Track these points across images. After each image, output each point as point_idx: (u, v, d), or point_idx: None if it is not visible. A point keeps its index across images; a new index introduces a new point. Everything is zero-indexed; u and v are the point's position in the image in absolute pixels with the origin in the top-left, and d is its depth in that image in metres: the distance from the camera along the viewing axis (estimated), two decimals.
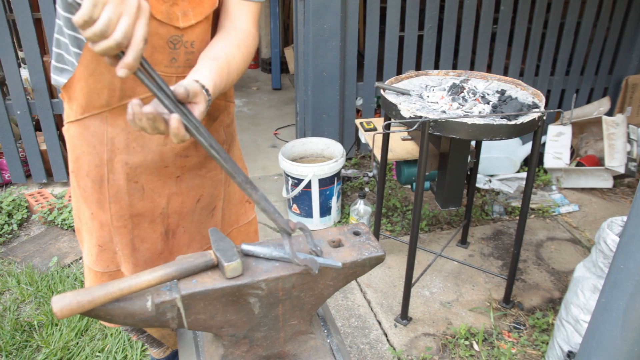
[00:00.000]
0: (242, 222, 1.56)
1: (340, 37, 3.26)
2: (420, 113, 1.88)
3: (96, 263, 1.39)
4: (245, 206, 1.57)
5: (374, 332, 2.27)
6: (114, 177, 1.27)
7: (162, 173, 1.30)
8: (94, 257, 1.38)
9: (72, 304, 0.88)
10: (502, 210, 3.14)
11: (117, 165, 1.25)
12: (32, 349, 2.14)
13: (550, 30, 3.68)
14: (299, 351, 1.16)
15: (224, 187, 1.46)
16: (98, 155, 1.25)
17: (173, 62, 1.16)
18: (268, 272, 1.02)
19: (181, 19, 1.11)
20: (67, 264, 2.67)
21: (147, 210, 1.32)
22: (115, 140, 1.23)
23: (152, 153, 1.26)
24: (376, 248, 1.10)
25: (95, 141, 1.23)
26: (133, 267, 1.37)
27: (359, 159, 3.77)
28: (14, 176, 3.35)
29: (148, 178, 1.29)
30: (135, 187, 1.29)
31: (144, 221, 1.33)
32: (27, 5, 2.92)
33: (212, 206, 1.44)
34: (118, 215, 1.31)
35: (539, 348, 2.18)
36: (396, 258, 2.73)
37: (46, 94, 3.16)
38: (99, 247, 1.37)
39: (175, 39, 1.13)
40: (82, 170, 1.28)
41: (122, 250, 1.35)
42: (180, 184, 1.34)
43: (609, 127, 3.30)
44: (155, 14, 1.08)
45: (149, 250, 1.38)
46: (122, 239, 1.34)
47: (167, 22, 1.10)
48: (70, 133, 1.26)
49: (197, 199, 1.39)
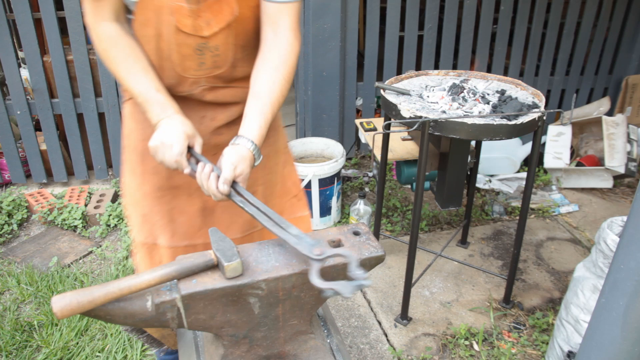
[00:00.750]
0: (287, 215, 1.60)
1: (340, 37, 3.26)
2: (420, 113, 1.88)
3: (140, 231, 1.50)
4: (291, 201, 1.62)
5: (374, 332, 2.27)
6: None
7: None
8: (138, 227, 1.49)
9: (72, 304, 0.88)
10: (502, 210, 3.14)
11: None
12: (32, 349, 2.14)
13: (550, 30, 3.68)
14: (299, 351, 1.16)
15: (264, 172, 1.53)
16: (143, 130, 1.38)
17: (202, 66, 1.30)
18: (268, 272, 1.02)
19: (205, 29, 1.24)
20: (67, 264, 2.67)
21: (184, 183, 1.43)
22: None
23: None
24: (376, 248, 1.10)
25: (142, 117, 1.36)
26: (170, 236, 1.47)
27: (359, 159, 3.77)
28: (14, 176, 3.35)
29: None
30: None
31: (181, 193, 1.44)
32: (27, 5, 2.92)
33: (252, 191, 1.49)
34: (158, 186, 1.43)
35: (539, 348, 2.18)
36: (396, 258, 2.73)
37: (46, 94, 3.16)
38: (142, 217, 1.48)
39: (202, 46, 1.27)
40: (131, 145, 1.43)
41: (161, 219, 1.46)
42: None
43: (609, 127, 3.29)
44: (182, 27, 1.23)
45: (186, 223, 1.47)
46: (161, 208, 1.45)
47: (193, 33, 1.24)
48: (125, 112, 1.44)
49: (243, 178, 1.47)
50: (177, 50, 1.27)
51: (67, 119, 3.24)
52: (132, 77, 1.25)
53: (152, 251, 1.51)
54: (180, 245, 1.49)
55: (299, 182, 1.65)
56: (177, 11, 1.20)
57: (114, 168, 3.44)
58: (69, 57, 3.11)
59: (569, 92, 3.96)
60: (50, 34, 3.01)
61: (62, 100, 3.19)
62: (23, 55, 3.23)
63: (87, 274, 2.59)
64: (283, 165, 1.59)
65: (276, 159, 1.57)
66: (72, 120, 3.24)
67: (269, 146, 1.51)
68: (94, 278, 2.57)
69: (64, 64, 3.09)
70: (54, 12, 2.97)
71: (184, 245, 1.50)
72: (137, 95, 1.26)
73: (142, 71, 1.26)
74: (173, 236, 1.47)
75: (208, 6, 1.22)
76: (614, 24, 3.77)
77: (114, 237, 2.91)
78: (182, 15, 1.21)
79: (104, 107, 3.25)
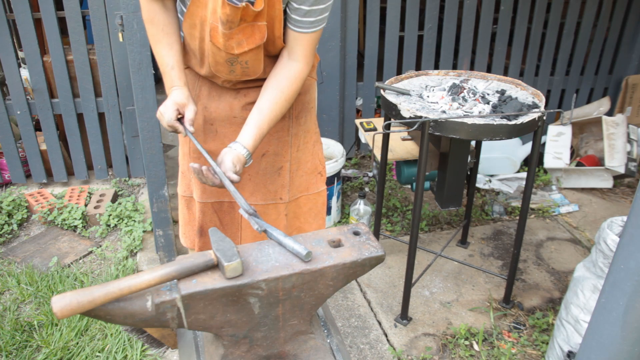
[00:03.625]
0: (312, 190, 1.80)
1: (340, 37, 3.26)
2: (420, 113, 1.88)
3: (179, 186, 1.79)
4: (316, 177, 1.80)
5: (374, 332, 2.27)
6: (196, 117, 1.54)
7: (232, 122, 1.63)
8: (180, 182, 1.78)
9: (72, 304, 0.88)
10: (502, 210, 3.14)
11: (199, 107, 1.60)
12: (32, 349, 2.14)
13: (550, 30, 3.68)
14: (299, 351, 1.16)
15: (292, 150, 1.70)
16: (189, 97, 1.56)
17: (232, 73, 1.51)
18: (268, 272, 1.02)
19: (236, 48, 1.42)
20: (67, 264, 2.67)
21: (217, 148, 1.58)
22: (203, 88, 1.62)
23: (225, 102, 1.62)
24: (376, 248, 1.10)
25: (190, 86, 1.59)
26: (201, 193, 1.71)
27: (359, 159, 3.77)
28: (14, 176, 3.35)
29: (220, 123, 1.64)
30: (210, 128, 1.64)
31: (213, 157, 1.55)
32: (27, 5, 2.92)
33: (279, 166, 1.70)
34: (194, 148, 1.67)
35: (539, 348, 2.18)
36: (396, 258, 2.73)
37: (46, 94, 3.16)
38: (182, 174, 1.76)
39: (232, 60, 1.46)
40: None
41: (194, 177, 1.68)
42: None
43: (609, 127, 3.29)
44: (215, 42, 1.41)
45: None
46: None
47: (224, 50, 1.42)
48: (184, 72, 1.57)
49: (262, 153, 1.67)
50: (212, 56, 1.46)
51: (67, 119, 3.24)
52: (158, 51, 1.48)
53: (189, 203, 1.79)
54: (209, 201, 1.72)
55: (324, 160, 1.84)
56: (213, 29, 1.39)
57: (114, 168, 3.44)
58: (69, 57, 3.11)
59: (569, 92, 3.96)
60: (50, 34, 3.01)
61: (62, 100, 3.19)
62: (23, 55, 3.22)
63: (87, 274, 2.59)
64: (313, 145, 1.76)
65: (306, 138, 1.73)
66: (72, 120, 3.24)
67: (299, 126, 1.69)
68: (94, 278, 2.57)
69: (64, 64, 3.09)
70: (54, 12, 2.97)
71: (212, 202, 1.72)
72: (159, 66, 1.49)
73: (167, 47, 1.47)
74: (203, 193, 1.70)
75: (241, 30, 1.39)
76: (614, 24, 3.77)
77: (114, 237, 2.91)
78: (216, 33, 1.39)
79: (104, 107, 3.24)
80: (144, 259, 2.70)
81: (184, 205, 1.80)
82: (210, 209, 1.74)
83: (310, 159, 1.76)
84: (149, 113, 2.29)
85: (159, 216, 2.54)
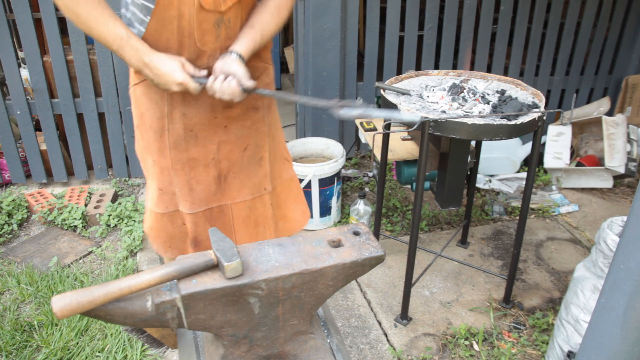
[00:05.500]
0: (284, 177, 1.79)
1: (340, 37, 3.26)
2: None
3: (157, 205, 1.63)
4: (285, 164, 1.80)
5: (374, 332, 2.27)
6: (174, 127, 1.52)
7: (212, 123, 1.55)
8: (155, 200, 1.63)
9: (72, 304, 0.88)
10: (502, 210, 3.14)
11: (175, 116, 1.51)
12: (32, 349, 2.14)
13: (550, 30, 3.68)
14: (299, 351, 1.16)
15: (269, 139, 1.69)
16: (160, 109, 1.51)
17: (218, 39, 1.44)
18: (268, 272, 1.02)
19: (222, 5, 1.39)
20: (67, 264, 2.67)
21: (200, 154, 1.57)
22: (174, 94, 1.49)
23: (204, 104, 1.52)
24: (376, 248, 1.10)
25: (157, 97, 1.49)
26: (190, 204, 1.61)
27: (359, 159, 3.77)
28: (14, 176, 3.35)
29: (201, 127, 1.55)
30: (190, 134, 1.54)
31: (199, 165, 1.58)
32: (27, 5, 2.92)
33: (259, 156, 1.68)
34: (177, 160, 1.56)
35: (539, 348, 2.18)
36: (396, 258, 2.73)
37: (46, 94, 3.16)
38: (159, 191, 1.61)
39: (219, 20, 1.41)
40: (146, 124, 1.54)
41: (180, 190, 1.60)
42: (229, 133, 1.59)
43: (609, 127, 3.29)
44: (205, 5, 1.36)
45: (203, 191, 1.62)
46: (180, 180, 1.58)
47: (213, 9, 1.38)
48: (136, 94, 1.53)
49: (244, 147, 1.63)
50: (199, 27, 1.39)
51: (67, 119, 3.24)
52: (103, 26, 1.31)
53: (173, 217, 1.66)
54: (200, 210, 1.64)
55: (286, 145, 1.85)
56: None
57: (114, 168, 3.44)
58: (69, 57, 3.11)
59: (569, 92, 3.96)
60: (50, 34, 3.01)
61: (62, 100, 3.19)
62: (23, 55, 3.23)
63: (87, 274, 2.59)
64: (280, 132, 1.77)
65: (277, 126, 1.74)
66: (72, 120, 3.25)
67: (270, 114, 1.68)
68: (94, 278, 2.57)
69: (64, 64, 3.09)
70: (54, 12, 2.97)
71: (202, 211, 1.64)
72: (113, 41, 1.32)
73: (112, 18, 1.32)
74: (193, 203, 1.62)
75: None
76: (614, 24, 3.77)
77: (114, 237, 2.91)
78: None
79: (104, 107, 3.24)
80: (144, 259, 2.70)
81: (166, 221, 1.67)
82: (202, 218, 1.66)
83: (279, 147, 1.77)
84: None
85: None
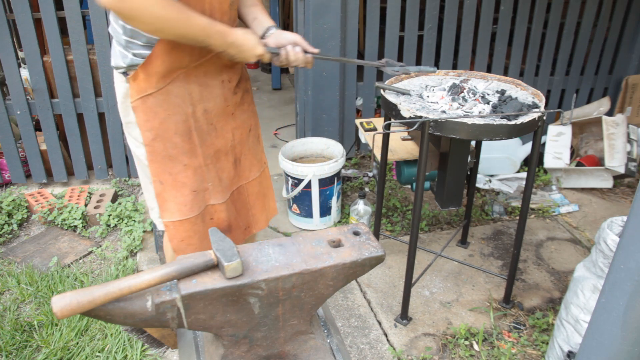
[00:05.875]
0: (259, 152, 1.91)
1: (340, 37, 3.26)
2: (420, 113, 1.88)
3: (191, 209, 1.63)
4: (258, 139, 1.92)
5: (374, 332, 2.27)
6: (199, 125, 1.58)
7: (225, 112, 1.65)
8: (189, 206, 1.62)
9: (72, 304, 0.88)
10: (502, 210, 3.14)
11: (198, 114, 1.57)
12: (32, 349, 2.15)
13: (550, 30, 3.68)
14: (299, 351, 1.16)
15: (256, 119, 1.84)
16: (184, 112, 1.53)
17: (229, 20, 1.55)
18: (268, 272, 1.02)
19: None
20: (67, 264, 2.67)
21: (222, 145, 1.66)
22: (193, 93, 1.54)
23: (219, 97, 1.61)
24: (376, 248, 1.10)
25: (179, 100, 1.52)
26: (222, 194, 1.69)
27: (359, 159, 3.77)
28: (14, 176, 3.35)
29: (218, 118, 1.63)
30: (211, 128, 1.62)
31: (222, 154, 1.68)
32: (27, 5, 2.92)
33: (257, 134, 1.83)
34: (206, 155, 1.62)
35: (539, 348, 2.18)
36: (396, 258, 2.73)
37: (46, 94, 3.16)
38: (194, 193, 1.62)
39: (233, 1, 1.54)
40: (170, 131, 1.53)
41: (212, 183, 1.66)
42: (236, 119, 1.70)
43: (609, 127, 3.29)
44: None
45: (227, 177, 1.71)
46: (211, 174, 1.65)
47: None
48: (148, 105, 1.49)
49: (248, 129, 1.77)
50: (219, 7, 1.49)
51: (67, 119, 3.24)
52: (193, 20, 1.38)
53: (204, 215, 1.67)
54: (228, 197, 1.72)
55: None
56: None
57: (114, 168, 3.44)
58: (69, 57, 3.11)
59: (569, 92, 3.96)
60: (50, 34, 3.01)
61: (62, 100, 3.19)
62: (23, 55, 3.22)
63: (87, 274, 2.59)
64: None
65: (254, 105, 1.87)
66: (72, 120, 3.25)
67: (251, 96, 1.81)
68: (94, 278, 2.57)
69: (64, 64, 3.09)
70: (54, 12, 2.97)
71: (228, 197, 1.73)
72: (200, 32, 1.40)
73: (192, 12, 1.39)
74: (223, 192, 1.70)
75: None
76: (614, 24, 3.77)
77: (114, 237, 2.91)
78: None
79: (104, 107, 3.24)
80: (144, 259, 2.70)
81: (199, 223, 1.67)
82: (230, 204, 1.75)
83: None
84: None
85: None
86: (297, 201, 2.96)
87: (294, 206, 3.00)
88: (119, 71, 1.53)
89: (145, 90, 1.47)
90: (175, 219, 1.62)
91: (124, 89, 1.54)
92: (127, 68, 1.50)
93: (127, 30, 1.44)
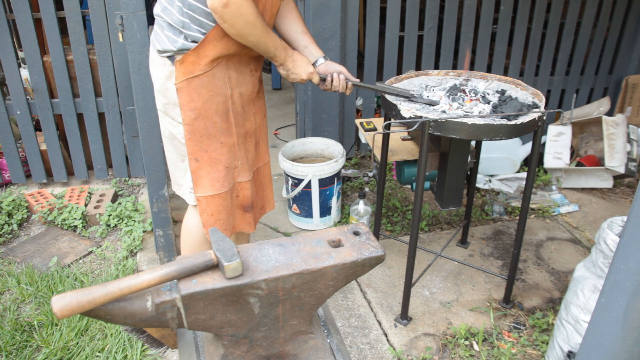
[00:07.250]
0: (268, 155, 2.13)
1: (340, 37, 3.26)
2: (420, 113, 1.89)
3: (223, 185, 1.80)
4: None
5: (374, 332, 2.27)
6: (235, 107, 1.76)
7: (251, 98, 1.84)
8: (221, 182, 1.80)
9: (72, 304, 0.88)
10: (502, 210, 3.14)
11: (235, 96, 1.75)
12: (32, 349, 2.14)
13: (550, 30, 3.68)
14: (299, 351, 1.16)
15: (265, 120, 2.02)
16: (224, 93, 1.70)
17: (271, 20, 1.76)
18: (268, 272, 1.02)
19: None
20: (67, 264, 2.67)
21: (249, 127, 1.86)
22: (232, 78, 1.72)
23: (249, 83, 1.80)
24: (376, 248, 1.10)
25: (220, 83, 1.68)
26: (248, 172, 1.89)
27: (359, 159, 3.77)
28: (14, 176, 3.35)
29: (247, 102, 1.82)
30: (242, 110, 1.80)
31: (248, 136, 1.87)
32: (27, 5, 2.92)
33: (267, 120, 2.02)
34: (239, 135, 1.80)
35: (539, 348, 2.18)
36: (396, 258, 2.73)
37: (46, 94, 3.16)
38: (226, 170, 1.80)
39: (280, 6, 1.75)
40: (211, 110, 1.69)
41: (242, 161, 1.85)
42: (256, 104, 1.90)
43: (609, 127, 3.29)
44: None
45: (251, 158, 1.91)
46: (241, 153, 1.83)
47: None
48: (192, 86, 1.64)
49: (263, 114, 1.97)
50: (270, 10, 1.69)
51: (67, 119, 3.24)
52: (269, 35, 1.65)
53: (232, 192, 1.86)
54: (251, 177, 1.91)
55: None
56: None
57: (114, 168, 3.44)
58: (69, 57, 3.11)
59: (569, 92, 3.96)
60: (50, 34, 3.01)
61: (62, 100, 3.19)
62: (23, 55, 3.22)
63: (87, 274, 2.59)
64: None
65: None
66: (72, 120, 3.24)
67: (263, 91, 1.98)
68: (94, 278, 2.57)
69: (64, 64, 3.09)
70: (54, 12, 2.97)
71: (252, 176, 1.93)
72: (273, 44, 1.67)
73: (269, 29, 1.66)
74: (249, 171, 1.89)
75: None
76: (614, 24, 3.77)
77: (114, 237, 2.91)
78: None
79: (104, 107, 3.24)
80: (144, 259, 2.70)
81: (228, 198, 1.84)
82: (252, 182, 1.93)
83: None
84: (149, 113, 2.28)
85: (159, 216, 2.54)
86: (297, 201, 2.96)
87: (294, 206, 3.00)
88: (165, 55, 1.65)
89: (192, 72, 1.62)
90: (208, 193, 1.79)
91: (166, 72, 1.66)
92: (176, 52, 1.63)
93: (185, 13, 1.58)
